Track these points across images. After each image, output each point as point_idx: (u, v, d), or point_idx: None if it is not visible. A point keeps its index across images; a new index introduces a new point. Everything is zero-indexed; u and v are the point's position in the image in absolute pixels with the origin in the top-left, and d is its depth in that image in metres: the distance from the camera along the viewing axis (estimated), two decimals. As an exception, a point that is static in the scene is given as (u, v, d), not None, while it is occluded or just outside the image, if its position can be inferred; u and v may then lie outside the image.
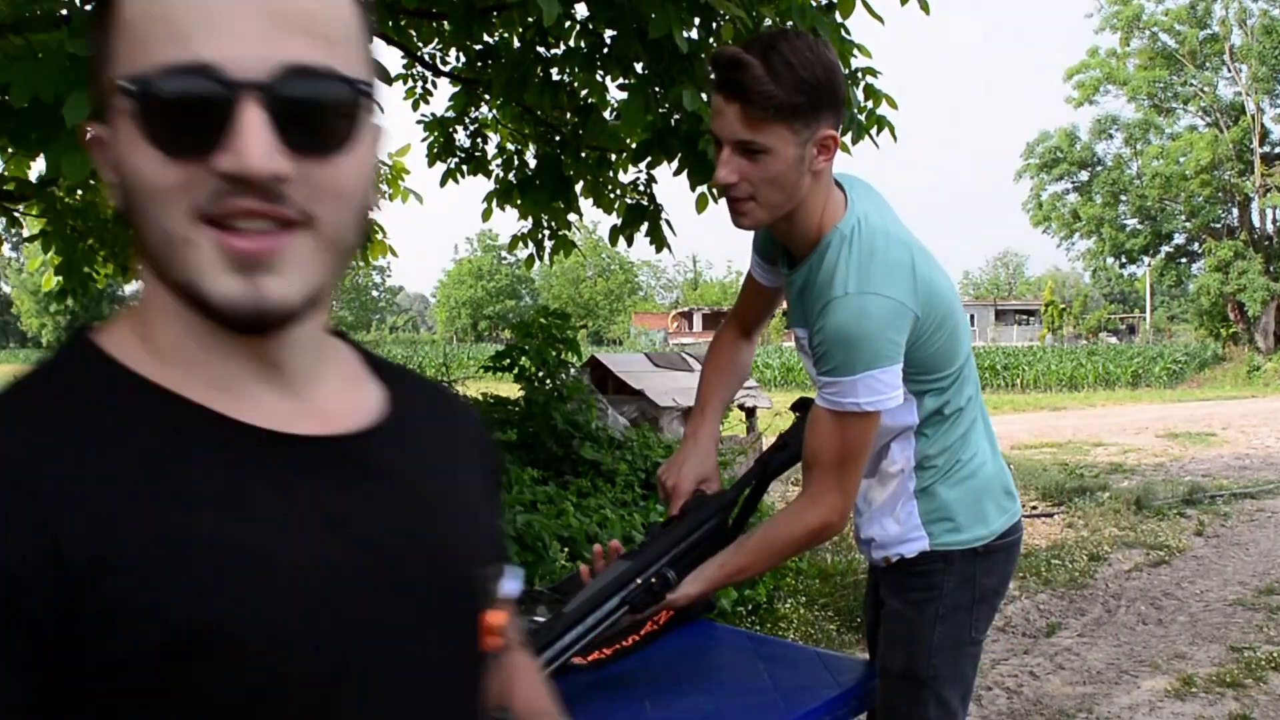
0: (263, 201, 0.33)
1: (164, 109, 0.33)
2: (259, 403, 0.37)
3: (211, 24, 0.32)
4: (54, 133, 1.49)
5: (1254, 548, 3.69)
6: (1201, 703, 2.19)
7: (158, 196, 0.33)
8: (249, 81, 0.32)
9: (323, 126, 0.34)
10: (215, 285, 0.34)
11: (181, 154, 0.33)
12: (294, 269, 0.34)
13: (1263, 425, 7.56)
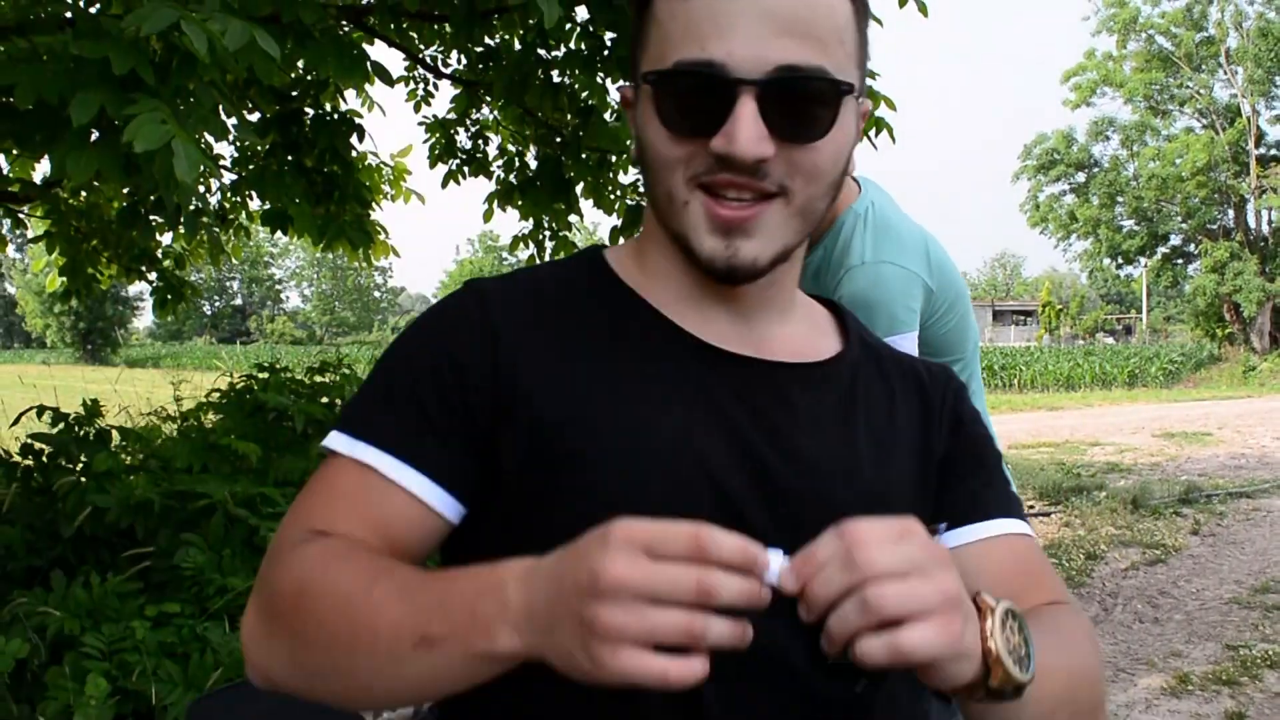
0: (746, 176, 0.40)
1: (675, 97, 0.41)
2: (710, 321, 0.45)
3: (722, 29, 0.39)
4: (58, 134, 1.49)
5: (1249, 546, 3.71)
6: (1197, 700, 2.20)
7: (665, 164, 0.42)
8: (747, 79, 0.39)
9: (806, 117, 0.40)
10: (702, 243, 0.42)
11: (686, 134, 0.41)
12: (766, 234, 0.42)
13: (1258, 425, 7.58)
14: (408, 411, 0.42)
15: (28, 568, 1.78)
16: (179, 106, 1.34)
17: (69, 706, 1.46)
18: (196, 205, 1.92)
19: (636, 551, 0.30)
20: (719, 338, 0.45)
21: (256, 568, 1.90)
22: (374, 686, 0.36)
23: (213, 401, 2.38)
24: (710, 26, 0.39)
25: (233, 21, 1.22)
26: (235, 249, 3.29)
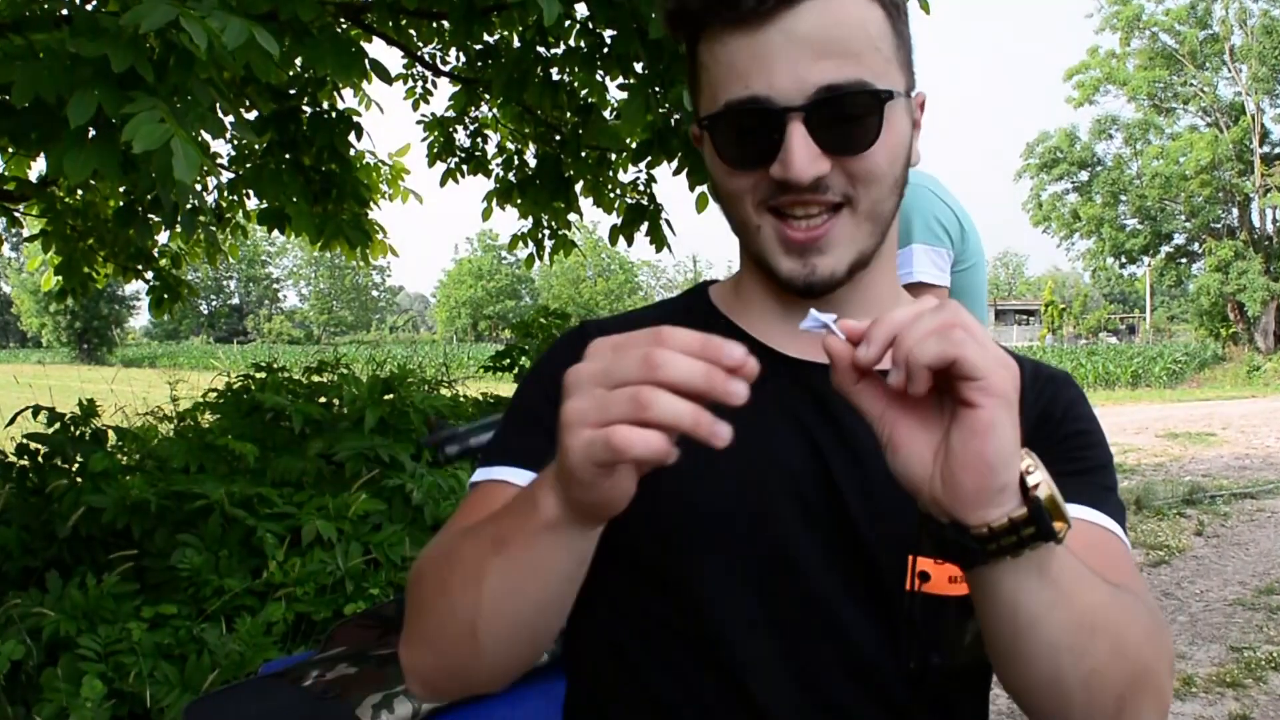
0: (809, 194, 0.43)
1: (730, 135, 0.44)
2: (794, 334, 0.47)
3: (762, 64, 0.42)
4: (55, 132, 1.48)
5: (1254, 547, 3.69)
6: (1201, 703, 2.19)
7: (732, 196, 0.46)
8: (792, 106, 0.42)
9: (853, 130, 0.43)
10: (779, 264, 0.45)
11: (745, 166, 0.44)
12: (839, 246, 0.45)
13: (1263, 425, 7.55)
14: (530, 431, 0.49)
15: (23, 569, 1.78)
16: (176, 104, 1.33)
17: (64, 708, 1.46)
18: (194, 204, 1.91)
19: (604, 352, 0.33)
20: (808, 351, 0.48)
21: (253, 568, 1.89)
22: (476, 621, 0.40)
23: (209, 401, 2.37)
24: (750, 63, 0.42)
25: (231, 19, 1.21)
26: (232, 248, 3.29)
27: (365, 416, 2.13)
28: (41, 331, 31.43)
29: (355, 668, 1.11)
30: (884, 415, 0.35)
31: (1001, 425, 0.32)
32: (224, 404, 2.29)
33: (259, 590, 1.76)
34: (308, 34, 1.81)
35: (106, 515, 1.75)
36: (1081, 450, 0.48)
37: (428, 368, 4.41)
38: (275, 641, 1.68)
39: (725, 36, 0.43)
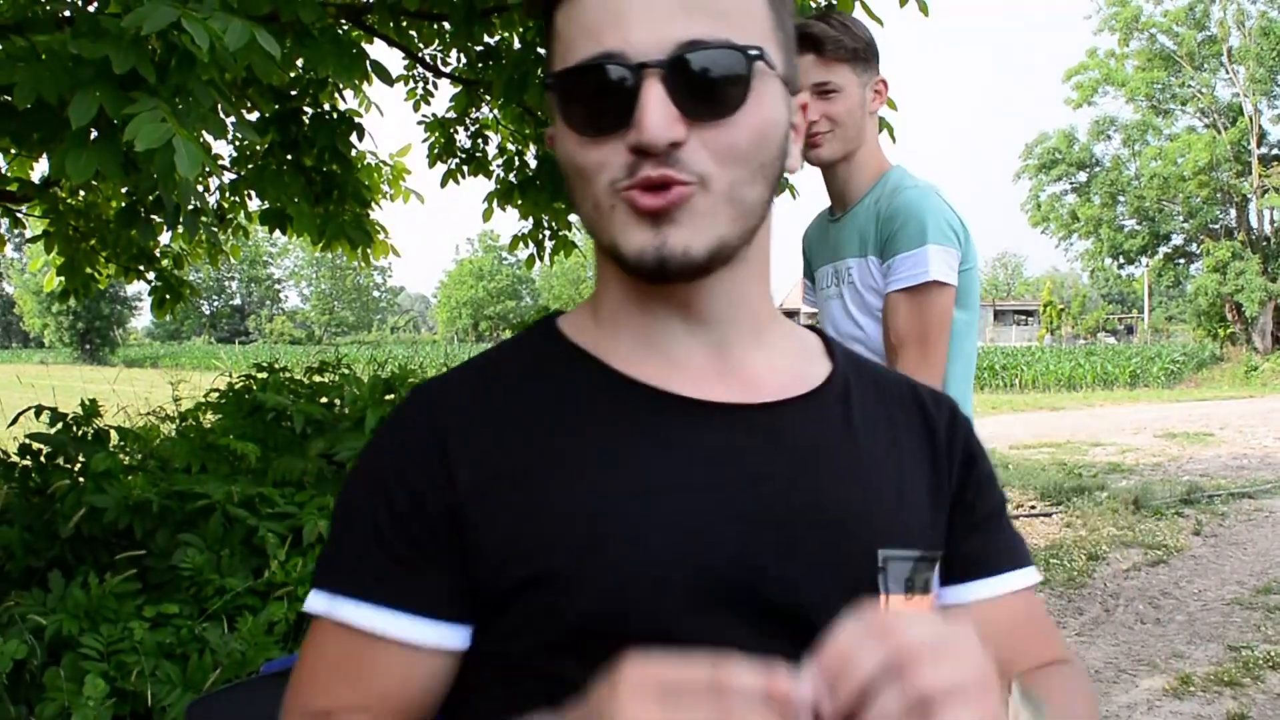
0: (663, 171, 0.37)
1: (577, 97, 0.38)
2: (681, 361, 0.41)
3: (617, 19, 0.37)
4: (57, 133, 1.49)
5: (1251, 547, 3.70)
6: (1199, 702, 2.20)
7: (583, 173, 0.39)
8: (648, 62, 0.36)
9: (716, 93, 0.37)
10: (630, 240, 0.38)
11: (597, 134, 0.38)
12: (693, 221, 0.38)
13: (1260, 425, 7.57)
14: (376, 552, 0.39)
15: (25, 568, 1.78)
16: (178, 105, 1.33)
17: (67, 707, 1.46)
18: (195, 204, 1.91)
19: (649, 697, 0.28)
20: (691, 380, 0.41)
21: (255, 567, 1.90)
22: None
23: (211, 401, 2.37)
24: (605, 19, 0.37)
25: (233, 20, 1.21)
26: (234, 249, 3.29)
27: (367, 417, 2.13)
28: (44, 332, 31.40)
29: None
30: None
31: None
32: (226, 404, 2.29)
33: (261, 590, 1.77)
34: (309, 35, 1.82)
35: (109, 515, 1.76)
36: (996, 494, 0.45)
37: (429, 368, 4.41)
38: (277, 641, 1.68)
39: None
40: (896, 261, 1.02)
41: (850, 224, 1.13)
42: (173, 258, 3.13)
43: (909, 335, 1.01)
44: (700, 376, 0.41)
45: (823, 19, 1.08)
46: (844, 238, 1.13)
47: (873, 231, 1.07)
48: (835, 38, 1.06)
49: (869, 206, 1.10)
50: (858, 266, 1.10)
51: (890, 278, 1.03)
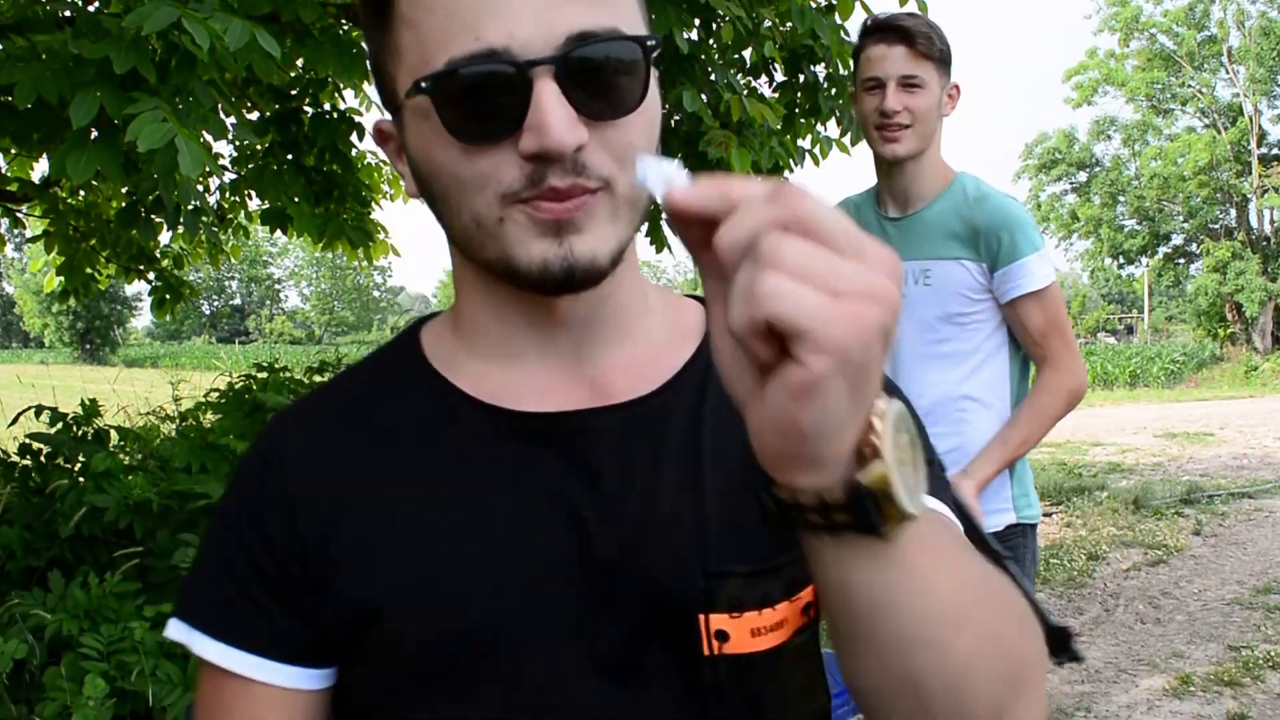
0: (568, 177, 0.33)
1: (461, 101, 0.33)
2: (534, 369, 0.39)
3: (494, 9, 0.32)
4: (58, 133, 1.49)
5: (1251, 547, 3.70)
6: (1199, 701, 2.20)
7: (464, 186, 0.34)
8: (539, 59, 0.32)
9: (614, 89, 0.34)
10: (529, 253, 0.34)
11: (484, 141, 0.33)
12: (597, 228, 0.35)
13: (1260, 425, 7.56)
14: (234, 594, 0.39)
15: (25, 568, 1.78)
16: (178, 105, 1.33)
17: (67, 707, 1.46)
18: (196, 204, 1.92)
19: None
20: (539, 390, 0.39)
21: (255, 568, 1.87)
22: None
23: (211, 401, 2.37)
24: (479, 7, 0.32)
25: (233, 20, 1.21)
26: (234, 249, 3.29)
27: (366, 416, 2.13)
28: (44, 332, 31.38)
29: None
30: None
31: (826, 391, 0.22)
32: (226, 404, 2.29)
33: (261, 589, 1.76)
34: (309, 35, 1.81)
35: (109, 515, 1.76)
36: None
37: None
38: (277, 640, 1.68)
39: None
40: (1016, 268, 1.07)
41: (921, 226, 1.13)
42: (173, 258, 3.13)
43: (1050, 330, 1.09)
44: (550, 386, 0.39)
45: (912, 16, 1.12)
46: (913, 238, 1.13)
47: (972, 238, 1.09)
48: (926, 35, 1.08)
49: (952, 211, 1.12)
50: (946, 268, 1.11)
51: (1013, 283, 1.08)
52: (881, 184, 1.18)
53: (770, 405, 0.23)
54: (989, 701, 0.29)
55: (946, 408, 1.11)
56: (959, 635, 0.28)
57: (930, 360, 1.12)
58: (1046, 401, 1.09)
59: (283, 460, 0.40)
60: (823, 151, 2.50)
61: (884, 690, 0.29)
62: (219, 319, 46.63)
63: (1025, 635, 0.31)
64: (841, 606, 0.28)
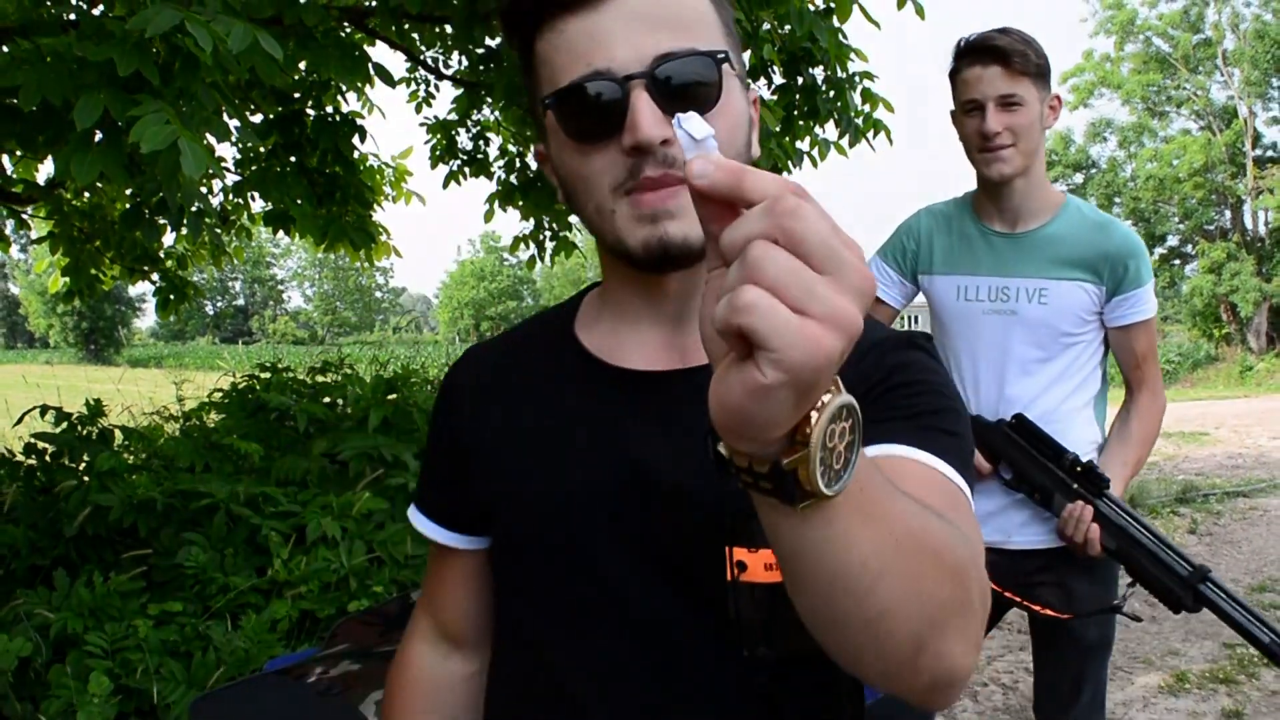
0: (662, 169, 0.43)
1: (577, 111, 0.44)
2: (642, 335, 0.50)
3: (600, 42, 0.43)
4: (62, 136, 1.50)
5: (1246, 546, 3.72)
6: (1195, 699, 2.21)
7: (585, 180, 0.45)
8: (633, 74, 0.43)
9: (693, 92, 0.43)
10: (634, 236, 0.44)
11: (596, 141, 0.44)
12: (685, 213, 0.43)
13: (1255, 424, 7.59)
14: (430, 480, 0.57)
15: (30, 567, 1.79)
16: (182, 108, 1.34)
17: (72, 705, 1.47)
18: (199, 206, 1.93)
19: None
20: (644, 350, 0.49)
21: (258, 566, 1.92)
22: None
23: (215, 401, 2.38)
24: (590, 43, 0.43)
25: (236, 23, 1.22)
26: (237, 250, 3.30)
27: (369, 416, 2.15)
28: (49, 332, 31.23)
29: (358, 664, 1.12)
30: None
31: (775, 397, 0.25)
32: (229, 404, 2.30)
33: (264, 588, 1.78)
34: (312, 38, 1.83)
35: (113, 514, 1.77)
36: (907, 399, 0.44)
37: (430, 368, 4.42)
38: (280, 638, 1.69)
39: (560, 24, 0.44)
40: (1137, 294, 1.13)
41: (1035, 244, 1.14)
42: (177, 259, 3.13)
43: (1149, 355, 1.17)
44: (650, 347, 0.49)
45: (1005, 33, 1.11)
46: (1027, 256, 1.14)
47: (1097, 263, 1.12)
48: (1022, 51, 1.08)
49: (1072, 235, 1.13)
50: (1065, 289, 1.13)
51: (1130, 309, 1.14)
52: (987, 201, 1.17)
53: (727, 387, 0.27)
54: (907, 638, 0.33)
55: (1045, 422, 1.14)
56: (877, 583, 0.31)
57: (1035, 376, 1.15)
58: (1151, 424, 1.17)
59: (456, 385, 0.56)
60: (821, 154, 2.52)
61: (810, 621, 0.34)
62: (222, 319, 46.48)
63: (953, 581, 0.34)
64: (774, 548, 0.32)
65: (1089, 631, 1.16)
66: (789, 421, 0.27)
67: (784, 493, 0.28)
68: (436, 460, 0.57)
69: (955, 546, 0.35)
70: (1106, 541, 1.07)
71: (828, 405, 0.27)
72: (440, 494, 0.56)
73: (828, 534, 0.30)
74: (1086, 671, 1.18)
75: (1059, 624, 1.17)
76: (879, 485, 0.32)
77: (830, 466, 0.28)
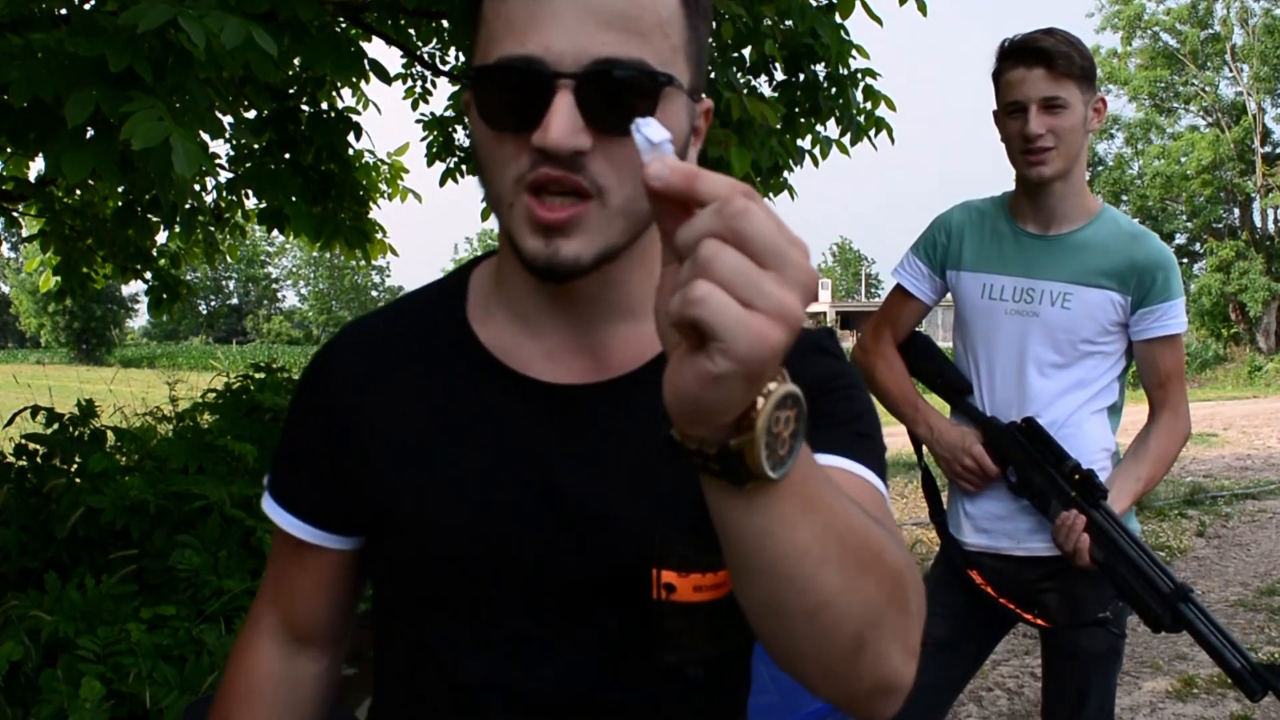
0: (564, 171, 0.40)
1: (496, 93, 0.41)
2: (544, 333, 0.47)
3: (541, 24, 0.39)
4: (54, 132, 1.48)
5: (1255, 548, 3.69)
6: (1203, 704, 2.19)
7: (492, 163, 0.42)
8: (563, 72, 0.39)
9: (623, 109, 0.39)
10: (525, 242, 0.42)
11: (508, 129, 0.41)
12: (586, 234, 0.41)
13: (1264, 426, 7.55)
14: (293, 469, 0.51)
15: (21, 569, 1.77)
16: (175, 104, 1.32)
17: (63, 709, 1.45)
18: (192, 204, 1.91)
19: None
20: (545, 354, 0.46)
21: (253, 569, 1.89)
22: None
23: (209, 402, 2.37)
24: (530, 22, 0.39)
25: (229, 18, 1.20)
26: (231, 248, 3.28)
27: (364, 417, 2.11)
28: (40, 332, 31.41)
29: (353, 669, 1.10)
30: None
31: (725, 384, 0.28)
32: (223, 404, 2.29)
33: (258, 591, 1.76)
34: (306, 33, 1.80)
35: (105, 516, 1.75)
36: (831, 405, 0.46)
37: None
38: (274, 642, 1.67)
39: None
40: (1165, 308, 1.11)
41: (1066, 248, 1.13)
42: (170, 257, 3.12)
43: (1174, 374, 1.16)
44: (556, 352, 0.46)
45: (1049, 34, 1.09)
46: (1056, 259, 1.13)
47: (1126, 273, 1.10)
48: (1066, 54, 1.07)
49: (1104, 242, 1.12)
50: (1090, 296, 1.11)
51: (1157, 322, 1.12)
52: (1024, 201, 1.16)
53: (681, 376, 0.29)
54: (849, 636, 0.35)
55: (1058, 427, 1.12)
56: (819, 573, 0.33)
57: (1051, 379, 1.13)
58: (1169, 445, 1.15)
59: (336, 369, 0.50)
60: (823, 151, 2.49)
61: (753, 612, 0.35)
62: (216, 319, 46.67)
63: (892, 583, 0.36)
64: (721, 535, 0.33)
65: (1096, 641, 1.14)
66: (738, 407, 0.29)
67: (731, 474, 0.31)
68: (307, 450, 0.50)
69: (894, 550, 0.37)
70: (1096, 553, 1.05)
71: (774, 393, 0.29)
72: (311, 490, 0.50)
73: (771, 519, 0.32)
74: (1093, 681, 1.16)
75: (1063, 632, 1.14)
76: (820, 480, 0.34)
77: (775, 451, 0.30)
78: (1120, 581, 1.05)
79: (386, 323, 0.51)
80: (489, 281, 0.49)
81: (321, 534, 0.51)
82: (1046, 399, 1.13)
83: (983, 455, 1.14)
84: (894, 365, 1.24)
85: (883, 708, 0.37)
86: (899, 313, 1.25)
